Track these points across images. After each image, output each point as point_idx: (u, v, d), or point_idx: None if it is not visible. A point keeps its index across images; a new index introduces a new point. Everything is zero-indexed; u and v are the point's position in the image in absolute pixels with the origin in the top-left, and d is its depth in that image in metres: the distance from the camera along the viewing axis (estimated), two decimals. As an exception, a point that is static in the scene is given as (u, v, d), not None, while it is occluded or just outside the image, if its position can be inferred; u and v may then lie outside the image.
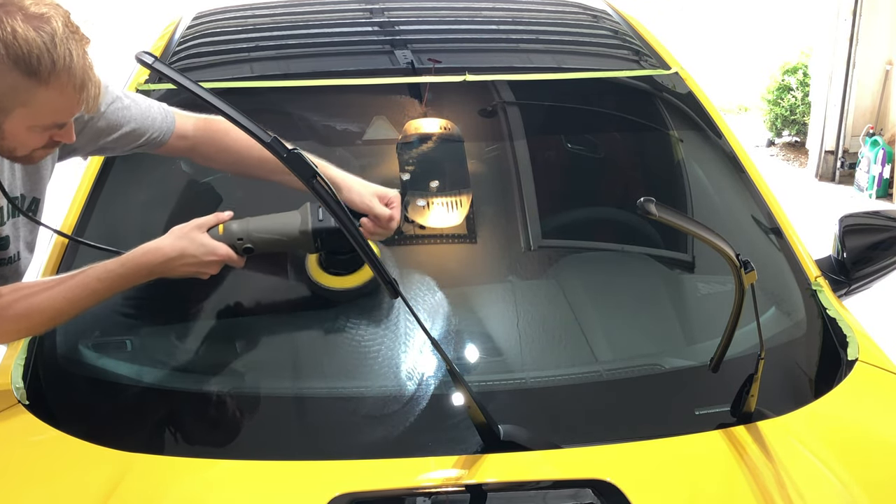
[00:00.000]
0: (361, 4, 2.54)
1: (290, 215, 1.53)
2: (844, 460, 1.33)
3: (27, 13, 1.23)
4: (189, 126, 1.64)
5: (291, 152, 1.24)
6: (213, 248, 1.46)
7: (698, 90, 2.15)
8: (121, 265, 1.42)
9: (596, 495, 1.23)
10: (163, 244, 1.44)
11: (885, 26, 6.37)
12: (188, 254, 1.44)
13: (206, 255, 1.45)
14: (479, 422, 1.27)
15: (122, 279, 1.43)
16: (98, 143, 1.58)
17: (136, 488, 1.27)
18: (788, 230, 1.83)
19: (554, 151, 2.05)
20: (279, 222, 1.52)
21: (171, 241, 1.44)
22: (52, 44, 1.23)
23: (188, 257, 1.44)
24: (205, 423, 1.44)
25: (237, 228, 1.49)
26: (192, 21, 2.39)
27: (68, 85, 1.27)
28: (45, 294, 1.41)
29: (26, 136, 1.33)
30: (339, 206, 1.25)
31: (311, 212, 1.51)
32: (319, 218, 1.50)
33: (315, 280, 1.59)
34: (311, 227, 1.50)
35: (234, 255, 1.48)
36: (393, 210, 1.57)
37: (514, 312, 1.67)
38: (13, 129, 1.30)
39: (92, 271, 1.42)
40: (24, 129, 1.31)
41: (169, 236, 1.45)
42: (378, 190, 1.58)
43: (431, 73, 1.99)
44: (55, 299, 1.40)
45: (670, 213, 1.13)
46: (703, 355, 1.45)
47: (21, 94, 1.25)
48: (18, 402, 1.43)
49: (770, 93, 7.81)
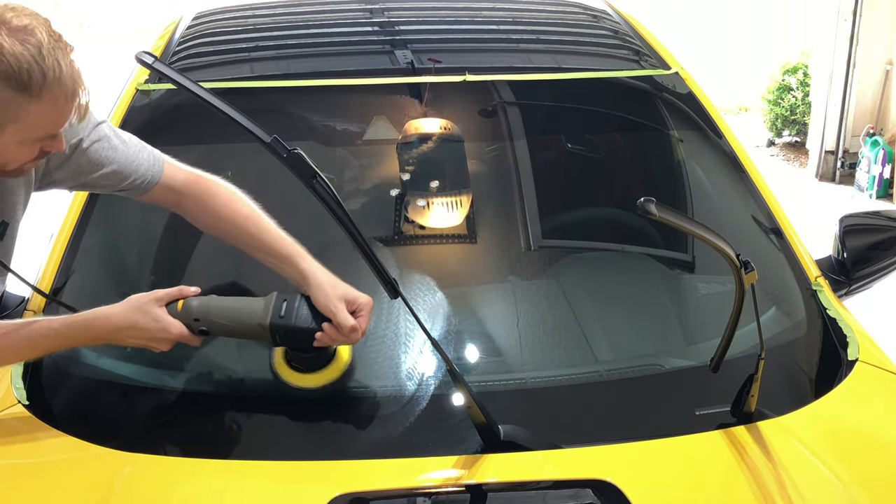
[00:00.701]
0: (361, 4, 2.54)
1: (254, 303, 1.43)
2: (844, 460, 1.33)
3: (10, 27, 1.20)
4: (178, 179, 1.57)
5: (291, 153, 1.24)
6: (167, 325, 1.38)
7: (698, 90, 2.15)
8: (66, 326, 1.37)
9: (596, 495, 1.23)
10: (114, 313, 1.38)
11: (885, 26, 6.37)
12: (139, 327, 1.38)
13: (158, 331, 1.38)
14: (479, 422, 1.27)
15: (66, 339, 1.38)
16: (80, 180, 1.52)
17: (136, 488, 1.27)
18: (788, 230, 1.83)
19: (554, 151, 2.05)
20: (239, 311, 1.42)
21: (123, 311, 1.38)
22: (41, 56, 1.20)
23: (138, 330, 1.38)
24: (205, 424, 1.44)
25: (196, 308, 1.41)
26: (192, 21, 2.39)
27: (60, 96, 1.24)
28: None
29: (17, 151, 1.29)
30: (340, 206, 1.25)
31: (275, 305, 1.41)
32: (281, 314, 1.40)
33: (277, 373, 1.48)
34: (270, 321, 1.40)
35: (187, 334, 1.40)
36: (359, 319, 1.41)
37: (514, 312, 1.67)
38: (4, 144, 1.27)
39: (38, 326, 1.37)
40: (14, 144, 1.28)
41: (123, 305, 1.39)
42: (348, 294, 1.42)
43: (431, 73, 1.99)
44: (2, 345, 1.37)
45: (670, 213, 1.13)
46: (704, 355, 1.45)
47: (12, 110, 1.22)
48: (18, 403, 1.43)
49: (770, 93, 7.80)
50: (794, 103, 7.60)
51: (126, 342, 1.39)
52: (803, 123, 7.56)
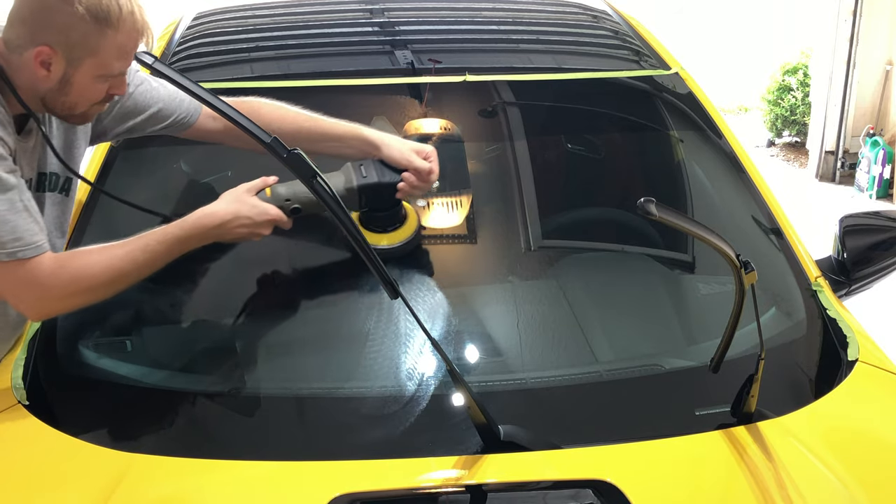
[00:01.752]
0: (361, 5, 2.54)
1: (334, 175, 1.57)
2: (844, 460, 1.33)
3: None
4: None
5: (291, 153, 1.25)
6: (265, 209, 1.50)
7: (698, 90, 2.15)
8: (179, 228, 1.45)
9: (596, 495, 1.23)
10: (217, 208, 1.48)
11: (885, 26, 6.37)
12: (242, 216, 1.48)
13: (259, 216, 1.49)
14: (479, 422, 1.27)
15: (181, 242, 1.45)
16: (126, 124, 1.64)
17: (136, 488, 1.27)
18: (788, 230, 1.83)
19: (554, 152, 2.05)
20: None
21: (224, 205, 1.48)
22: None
23: (242, 219, 1.48)
24: (205, 424, 1.44)
25: (284, 191, 1.53)
26: (192, 21, 2.39)
27: (133, 28, 1.40)
28: (103, 255, 1.42)
29: (92, 88, 1.43)
30: (340, 206, 1.25)
31: (355, 170, 1.58)
32: (363, 175, 1.56)
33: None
34: (357, 184, 1.56)
35: (283, 217, 1.52)
36: (432, 164, 1.62)
37: (514, 313, 1.67)
38: (81, 80, 1.41)
39: (151, 235, 1.44)
40: (91, 79, 1.41)
41: (221, 200, 1.49)
42: (415, 146, 1.64)
43: (431, 73, 1.99)
44: (116, 260, 1.41)
45: (670, 213, 1.13)
46: (704, 355, 1.45)
47: (92, 42, 1.37)
48: (18, 403, 1.43)
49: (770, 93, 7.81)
50: (794, 103, 7.60)
51: (233, 234, 1.49)
52: (803, 124, 7.57)
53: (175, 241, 1.44)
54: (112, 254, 1.41)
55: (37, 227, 1.39)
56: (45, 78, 1.40)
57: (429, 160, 1.63)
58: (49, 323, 1.58)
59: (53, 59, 1.38)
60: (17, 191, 1.37)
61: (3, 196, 1.34)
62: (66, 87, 1.42)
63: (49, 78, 1.40)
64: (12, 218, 1.35)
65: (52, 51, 1.37)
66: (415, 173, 1.61)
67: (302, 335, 1.64)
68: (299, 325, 1.65)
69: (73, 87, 1.42)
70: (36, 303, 1.40)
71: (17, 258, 1.35)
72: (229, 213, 1.48)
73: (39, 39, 1.37)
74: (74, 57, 1.39)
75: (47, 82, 1.41)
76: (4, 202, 1.34)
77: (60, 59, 1.39)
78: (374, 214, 1.63)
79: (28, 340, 1.55)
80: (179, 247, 1.45)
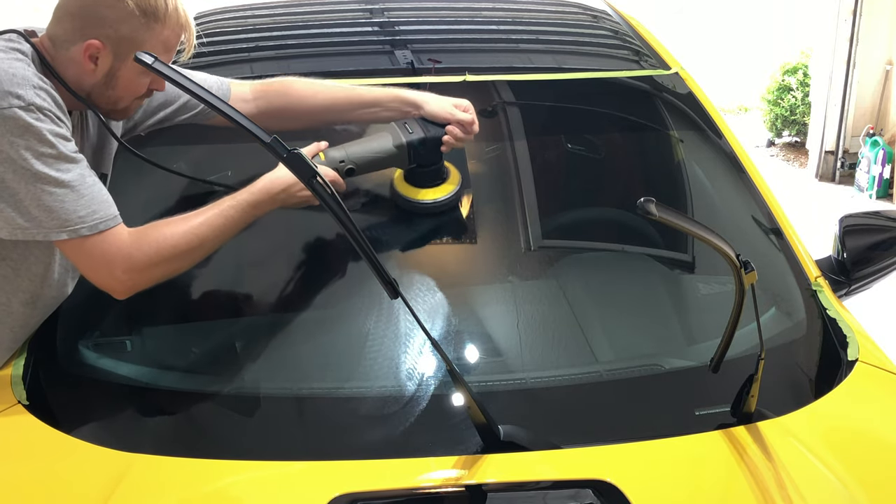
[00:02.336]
0: (361, 4, 2.54)
1: (381, 136, 1.67)
2: (844, 460, 1.33)
3: None
4: (247, 90, 1.74)
5: (291, 153, 1.24)
6: (323, 172, 1.51)
7: (698, 90, 2.15)
8: (250, 194, 1.49)
9: (596, 495, 1.23)
10: (280, 174, 1.51)
11: (885, 26, 6.37)
12: None
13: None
14: (479, 422, 1.27)
15: (254, 207, 1.49)
16: (156, 116, 1.68)
17: (136, 488, 1.27)
18: (788, 230, 1.83)
19: (554, 152, 2.05)
20: (374, 143, 1.66)
21: (286, 171, 1.49)
22: None
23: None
24: (205, 424, 1.44)
25: (337, 154, 1.62)
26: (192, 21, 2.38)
27: (177, 23, 1.47)
28: (182, 224, 1.44)
29: (136, 82, 1.47)
30: (340, 206, 1.25)
31: (400, 128, 1.67)
32: (410, 132, 1.66)
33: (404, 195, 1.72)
34: (406, 140, 1.65)
35: (339, 178, 1.60)
36: (472, 115, 1.72)
37: (514, 313, 1.67)
38: (127, 74, 1.45)
39: (225, 202, 1.48)
40: (136, 73, 1.45)
41: (281, 168, 1.52)
42: (453, 100, 1.73)
43: (431, 73, 1.99)
44: (196, 227, 1.44)
45: (670, 213, 1.13)
46: (704, 355, 1.45)
47: (139, 37, 1.42)
48: (18, 403, 1.43)
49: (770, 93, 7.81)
50: (794, 103, 7.60)
51: (297, 197, 1.53)
52: (803, 124, 7.57)
53: (248, 205, 1.48)
54: (191, 222, 1.44)
55: (110, 198, 1.41)
56: (92, 72, 1.43)
57: (468, 112, 1.72)
58: (49, 323, 1.58)
59: (102, 52, 1.42)
60: (86, 165, 1.39)
61: (75, 171, 1.36)
62: (112, 81, 1.45)
63: (96, 72, 1.43)
64: (87, 192, 1.36)
65: (101, 44, 1.41)
66: (458, 125, 1.69)
67: (302, 335, 1.64)
68: (299, 325, 1.65)
69: (118, 82, 1.46)
70: (122, 275, 1.41)
71: (100, 230, 1.37)
72: (292, 178, 1.50)
73: (89, 34, 1.40)
74: (122, 51, 1.42)
75: (94, 76, 1.44)
76: (77, 177, 1.36)
77: (108, 53, 1.42)
78: (419, 171, 1.71)
79: (28, 340, 1.55)
80: (252, 211, 1.49)
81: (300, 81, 1.76)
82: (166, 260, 1.42)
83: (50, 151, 1.33)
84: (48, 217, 1.34)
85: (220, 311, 1.67)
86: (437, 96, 1.73)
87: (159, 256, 1.41)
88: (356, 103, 1.75)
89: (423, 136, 1.66)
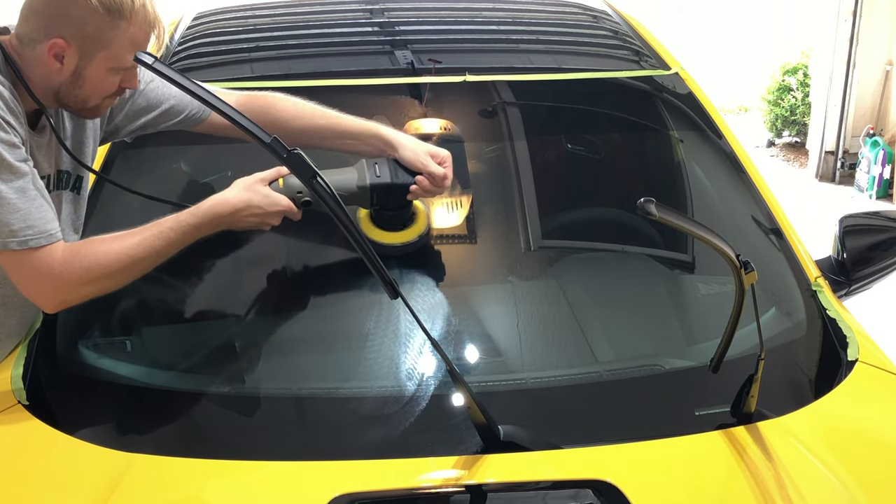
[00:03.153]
0: (361, 5, 2.54)
1: (347, 171, 1.61)
2: (844, 460, 1.33)
3: None
4: (232, 100, 1.70)
5: (291, 153, 1.24)
6: (276, 199, 1.50)
7: (698, 90, 2.15)
8: (192, 216, 1.46)
9: (596, 496, 1.23)
10: (229, 196, 1.49)
11: (885, 27, 6.38)
12: (254, 204, 1.49)
13: (270, 206, 1.50)
14: (479, 422, 1.27)
15: (195, 229, 1.46)
16: (138, 122, 1.65)
17: (136, 488, 1.27)
18: (788, 230, 1.83)
19: (554, 152, 2.05)
20: (337, 178, 1.58)
21: (236, 193, 1.49)
22: None
23: (254, 208, 1.49)
24: (204, 424, 1.44)
25: (296, 183, 1.54)
26: (192, 21, 2.39)
27: (145, 20, 1.43)
28: (117, 243, 1.41)
29: (104, 81, 1.45)
30: (340, 206, 1.25)
31: (368, 168, 1.60)
32: (377, 174, 1.59)
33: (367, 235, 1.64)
34: (370, 182, 1.58)
35: (294, 208, 1.53)
36: (446, 169, 1.64)
37: (514, 313, 1.67)
38: (94, 73, 1.43)
39: (165, 223, 1.45)
40: (104, 72, 1.43)
41: (234, 188, 1.50)
42: (430, 149, 1.66)
43: (431, 73, 1.99)
44: (131, 248, 1.41)
45: (670, 213, 1.13)
46: (704, 356, 1.45)
47: (105, 35, 1.40)
48: (18, 403, 1.43)
49: (770, 93, 7.81)
50: (794, 104, 7.61)
51: (244, 222, 1.50)
52: (803, 124, 7.57)
53: (189, 227, 1.45)
54: (127, 242, 1.41)
55: (50, 214, 1.38)
56: (59, 71, 1.41)
57: (443, 165, 1.64)
58: (49, 323, 1.58)
59: (67, 51, 1.40)
60: (31, 178, 1.36)
61: (16, 183, 1.33)
62: (80, 80, 1.43)
63: (62, 71, 1.41)
64: (24, 206, 1.34)
65: (65, 43, 1.39)
66: (429, 177, 1.62)
67: (302, 335, 1.64)
68: (299, 325, 1.65)
69: (86, 80, 1.43)
70: (50, 292, 1.39)
71: (30, 247, 1.34)
72: (241, 202, 1.48)
73: (53, 32, 1.39)
74: (88, 50, 1.41)
75: (60, 76, 1.42)
76: (16, 190, 1.33)
77: (74, 52, 1.40)
78: (384, 213, 1.65)
79: (28, 340, 1.55)
80: (193, 233, 1.46)
81: (285, 100, 1.73)
82: (96, 279, 1.40)
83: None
84: None
85: (220, 312, 1.67)
86: (417, 141, 1.66)
87: (90, 276, 1.39)
88: (335, 133, 1.71)
89: (390, 181, 1.60)
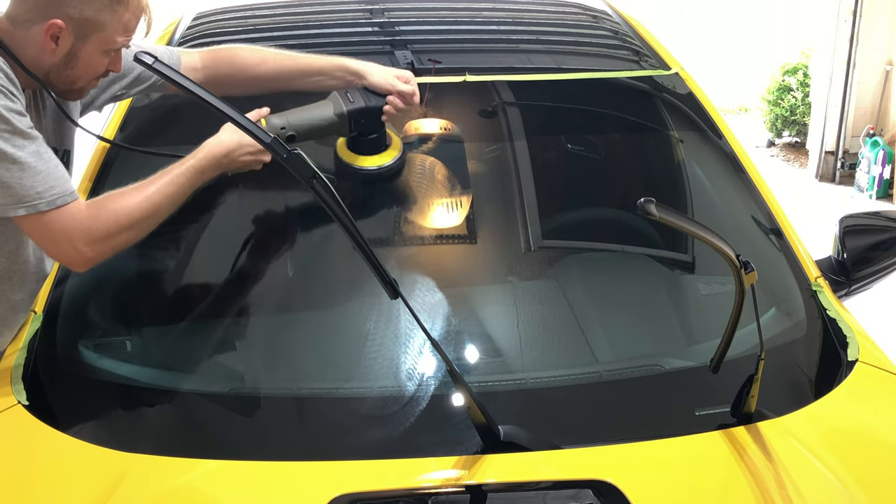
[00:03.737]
0: (361, 4, 2.54)
1: (323, 104, 1.69)
2: (844, 460, 1.33)
3: None
4: (196, 60, 1.77)
5: (291, 153, 1.24)
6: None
7: (698, 90, 2.15)
8: (195, 159, 1.51)
9: (596, 496, 1.23)
10: (223, 137, 1.53)
11: (885, 27, 6.38)
12: (245, 143, 1.53)
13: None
14: (479, 422, 1.27)
15: (199, 172, 1.50)
16: (111, 91, 1.71)
17: (136, 488, 1.27)
18: (788, 231, 1.83)
19: (554, 152, 2.05)
20: (315, 111, 1.68)
21: (228, 135, 1.53)
22: None
23: (245, 146, 1.53)
24: (204, 424, 1.44)
25: (279, 121, 1.63)
26: (192, 21, 2.39)
27: (138, 6, 1.49)
28: (136, 193, 1.46)
29: (96, 62, 1.50)
30: (340, 206, 1.25)
31: (341, 97, 1.70)
32: (351, 101, 1.69)
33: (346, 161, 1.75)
34: (346, 109, 1.68)
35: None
36: (412, 86, 1.76)
37: (514, 313, 1.67)
38: (88, 54, 1.48)
39: (173, 169, 1.49)
40: (97, 54, 1.49)
41: (225, 131, 1.54)
42: (395, 71, 1.77)
43: (431, 73, 1.99)
44: (149, 195, 1.45)
45: (670, 213, 1.13)
46: (704, 356, 1.45)
47: (103, 18, 1.45)
48: (18, 403, 1.43)
49: (770, 93, 7.81)
50: (794, 104, 7.60)
51: (239, 161, 1.55)
52: (803, 124, 7.57)
53: (194, 171, 1.50)
54: (144, 191, 1.46)
55: (66, 174, 1.43)
56: (52, 52, 1.45)
57: (409, 83, 1.76)
58: (49, 323, 1.58)
59: (63, 33, 1.43)
60: (43, 142, 1.40)
61: (31, 147, 1.37)
62: (73, 61, 1.47)
63: (56, 52, 1.45)
64: (44, 168, 1.38)
65: (63, 25, 1.42)
66: (398, 96, 1.74)
67: (302, 335, 1.64)
68: (299, 325, 1.65)
69: (79, 62, 1.48)
70: (83, 247, 1.42)
71: (57, 206, 1.39)
72: (233, 142, 1.53)
73: (52, 14, 1.42)
74: (83, 32, 1.45)
75: (54, 56, 1.46)
76: (32, 154, 1.37)
77: (69, 33, 1.44)
78: (361, 139, 1.74)
79: (28, 340, 1.55)
80: (198, 176, 1.50)
81: (246, 49, 1.80)
82: (124, 229, 1.44)
83: (5, 127, 1.35)
84: (5, 193, 1.36)
85: (220, 312, 1.67)
86: (381, 67, 1.78)
87: (117, 226, 1.43)
88: (302, 71, 1.78)
89: (364, 105, 1.70)
